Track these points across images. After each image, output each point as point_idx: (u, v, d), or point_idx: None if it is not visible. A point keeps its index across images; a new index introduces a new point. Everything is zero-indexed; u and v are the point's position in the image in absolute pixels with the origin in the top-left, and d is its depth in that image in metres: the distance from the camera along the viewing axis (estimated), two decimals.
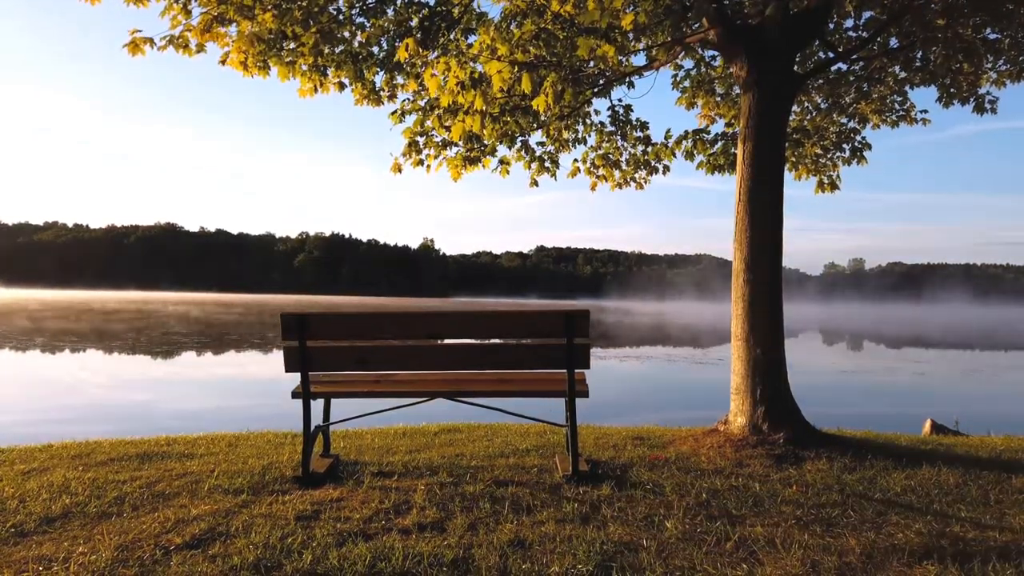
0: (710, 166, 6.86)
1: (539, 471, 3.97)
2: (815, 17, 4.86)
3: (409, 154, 6.20)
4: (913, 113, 6.60)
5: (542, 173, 6.73)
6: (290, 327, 3.71)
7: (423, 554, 2.64)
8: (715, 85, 6.75)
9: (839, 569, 2.60)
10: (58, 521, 3.05)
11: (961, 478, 3.94)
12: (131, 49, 4.67)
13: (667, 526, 3.01)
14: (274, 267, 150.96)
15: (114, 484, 3.62)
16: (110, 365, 16.49)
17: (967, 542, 2.89)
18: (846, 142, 6.80)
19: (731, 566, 2.60)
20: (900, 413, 11.03)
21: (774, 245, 4.85)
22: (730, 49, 5.05)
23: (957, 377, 17.92)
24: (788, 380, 4.84)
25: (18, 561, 2.59)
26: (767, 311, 4.77)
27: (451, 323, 3.90)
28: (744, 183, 4.90)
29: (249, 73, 5.07)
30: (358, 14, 5.36)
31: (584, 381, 3.91)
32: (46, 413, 9.56)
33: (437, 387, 3.94)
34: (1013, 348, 30.91)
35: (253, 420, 7.13)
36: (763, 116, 4.87)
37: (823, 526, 3.06)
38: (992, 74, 5.82)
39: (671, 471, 3.97)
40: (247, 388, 13.42)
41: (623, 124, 6.79)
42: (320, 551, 2.68)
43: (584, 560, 2.61)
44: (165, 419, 9.36)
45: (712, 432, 4.82)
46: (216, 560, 2.59)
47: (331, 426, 4.24)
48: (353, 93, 5.77)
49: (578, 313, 3.69)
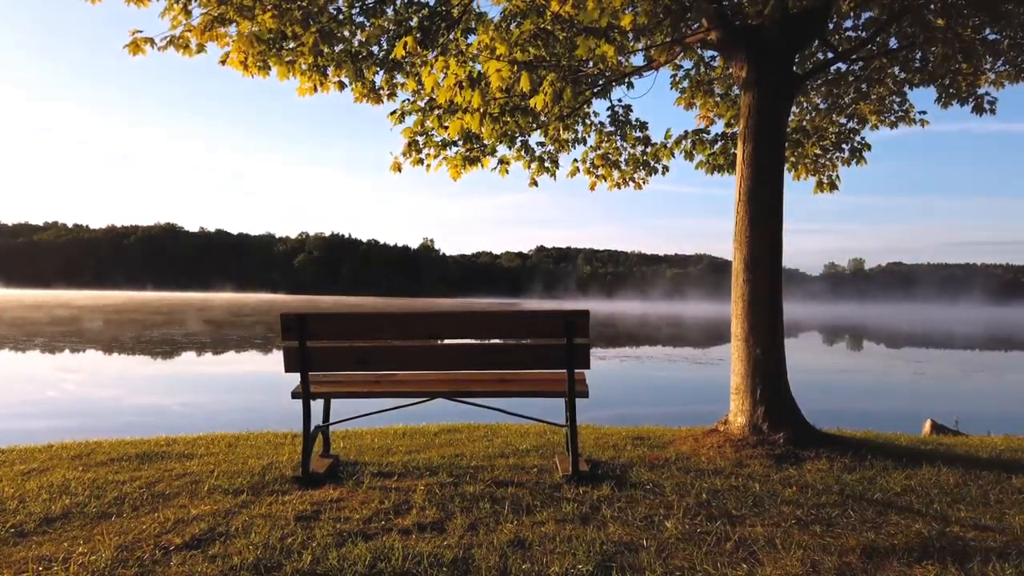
0: (710, 166, 6.86)
1: (539, 471, 3.97)
2: (815, 17, 4.86)
3: (409, 153, 6.22)
4: (912, 113, 6.61)
5: (542, 173, 6.74)
6: (290, 327, 3.71)
7: (423, 554, 2.64)
8: (714, 86, 6.75)
9: (839, 569, 2.60)
10: (58, 521, 3.05)
11: (961, 478, 3.94)
12: (132, 49, 4.67)
13: (667, 526, 3.01)
14: (274, 267, 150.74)
15: (114, 484, 3.62)
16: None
17: (967, 542, 2.89)
18: (845, 142, 6.81)
19: (731, 566, 2.60)
20: (900, 413, 11.03)
21: (774, 245, 4.85)
22: (730, 49, 5.05)
23: (957, 377, 17.92)
24: (788, 380, 4.85)
25: (18, 561, 2.59)
26: (767, 311, 4.77)
27: (451, 323, 3.90)
28: (744, 183, 4.90)
29: (249, 73, 5.07)
30: (358, 14, 5.36)
31: (584, 381, 3.91)
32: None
33: (437, 387, 3.94)
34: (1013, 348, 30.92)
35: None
36: (763, 116, 4.87)
37: (823, 526, 3.06)
38: (991, 75, 5.82)
39: (671, 471, 3.97)
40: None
41: (622, 124, 6.79)
42: (320, 551, 2.68)
43: (584, 560, 2.61)
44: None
45: (712, 432, 4.82)
46: (216, 560, 2.59)
47: (331, 426, 4.24)
48: (353, 92, 5.77)
49: (578, 313, 3.69)
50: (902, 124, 6.67)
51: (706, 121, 6.95)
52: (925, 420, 7.49)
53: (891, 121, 6.66)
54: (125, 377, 14.55)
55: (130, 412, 10.14)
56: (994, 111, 5.81)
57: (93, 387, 12.71)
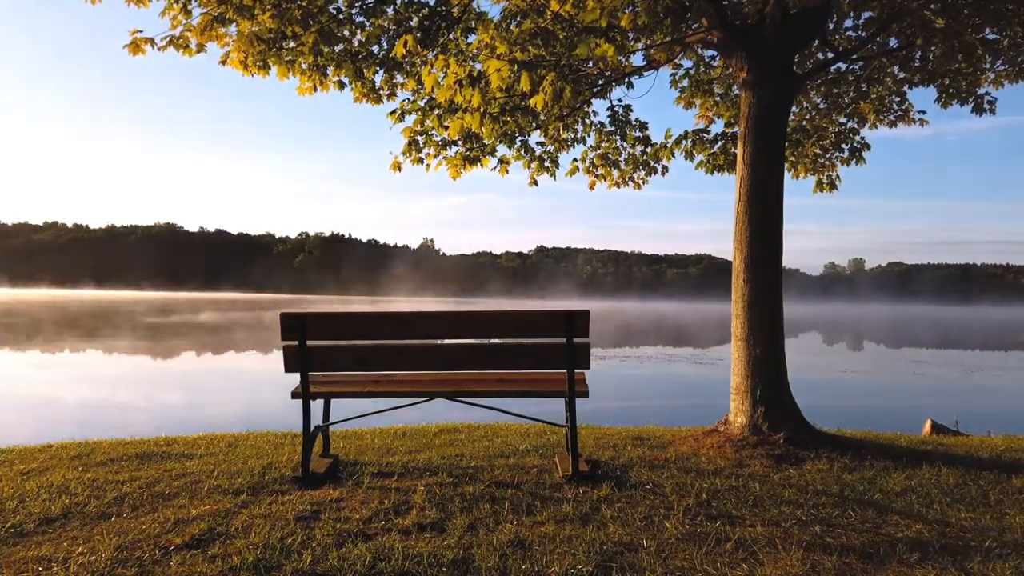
0: (710, 166, 6.86)
1: (539, 471, 3.97)
2: (815, 17, 4.85)
3: (409, 153, 6.22)
4: (911, 113, 6.60)
5: (542, 172, 6.74)
6: (290, 327, 3.70)
7: (423, 554, 2.64)
8: (714, 85, 6.75)
9: (839, 569, 2.60)
10: (58, 521, 3.05)
11: (961, 478, 3.94)
12: (132, 49, 4.67)
13: (667, 526, 3.01)
14: (274, 267, 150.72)
15: (114, 484, 3.62)
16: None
17: (967, 542, 2.88)
18: (845, 142, 6.81)
19: (731, 566, 2.60)
20: (900, 413, 11.03)
21: (774, 245, 4.85)
22: (730, 49, 5.05)
23: (957, 376, 17.92)
24: (788, 380, 4.84)
25: (18, 561, 2.59)
26: (767, 311, 4.77)
27: (451, 323, 3.90)
28: (744, 183, 4.90)
29: (249, 73, 5.07)
30: (358, 13, 5.36)
31: (584, 381, 3.91)
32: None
33: (437, 387, 3.93)
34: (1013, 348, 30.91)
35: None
36: (763, 116, 4.86)
37: (823, 526, 3.06)
38: (991, 74, 5.82)
39: (671, 471, 3.97)
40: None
41: (622, 124, 6.79)
42: (320, 551, 2.68)
43: (584, 560, 2.61)
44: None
45: (712, 432, 4.82)
46: (216, 560, 2.59)
47: (331, 426, 4.23)
48: (352, 91, 5.77)
49: (578, 313, 3.69)
50: (901, 124, 6.67)
51: (705, 121, 6.95)
52: (925, 420, 7.48)
53: (891, 120, 6.66)
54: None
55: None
56: (994, 111, 5.81)
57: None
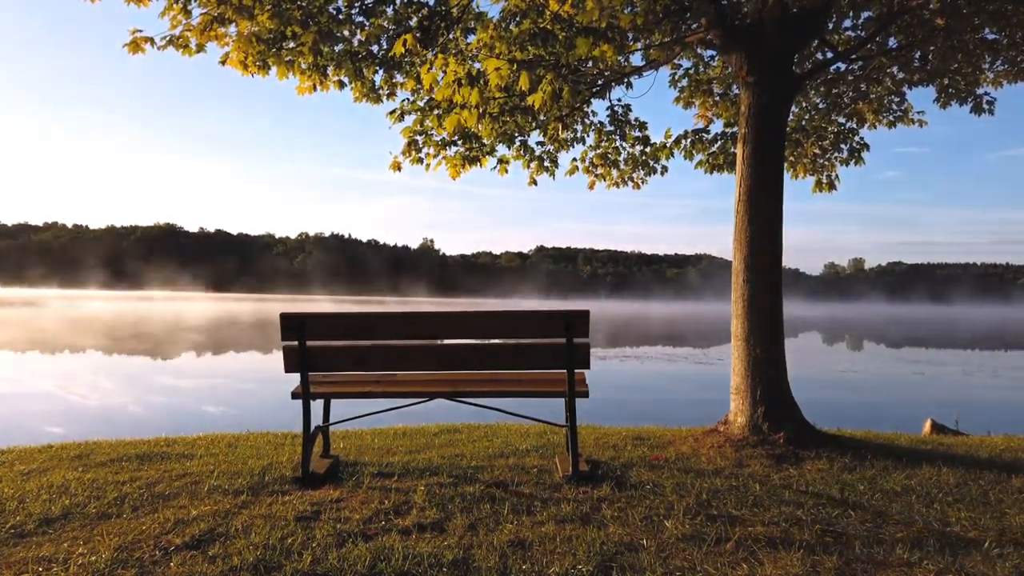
0: (709, 166, 6.86)
1: (539, 471, 3.97)
2: (814, 17, 4.86)
3: (409, 152, 6.22)
4: (911, 113, 6.61)
5: (541, 172, 6.74)
6: (289, 327, 3.70)
7: (423, 554, 2.64)
8: (713, 85, 6.75)
9: (839, 569, 2.60)
10: (58, 522, 3.05)
11: (961, 478, 3.94)
12: (131, 48, 4.67)
13: (667, 526, 3.01)
14: (274, 267, 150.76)
15: (114, 485, 3.62)
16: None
17: (967, 542, 2.89)
18: (844, 142, 6.81)
19: (731, 566, 2.60)
20: (900, 412, 11.03)
21: (774, 245, 4.85)
22: (729, 49, 5.05)
23: (957, 376, 17.92)
24: (788, 380, 4.85)
25: (18, 562, 2.59)
26: (767, 311, 4.77)
27: (451, 323, 3.90)
28: (744, 183, 4.90)
29: (249, 72, 5.07)
30: (357, 13, 5.36)
31: (584, 381, 3.91)
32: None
33: (437, 387, 3.93)
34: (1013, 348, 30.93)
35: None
36: (762, 116, 4.87)
37: (823, 526, 3.06)
38: (990, 74, 5.82)
39: (671, 471, 3.97)
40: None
41: (622, 124, 6.79)
42: (320, 551, 2.68)
43: (584, 560, 2.61)
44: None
45: (712, 432, 4.82)
46: (216, 561, 2.59)
47: (331, 426, 4.23)
48: (352, 91, 5.77)
49: (578, 313, 3.69)
50: (900, 124, 6.68)
51: (705, 120, 6.95)
52: (925, 420, 7.48)
53: (890, 121, 6.66)
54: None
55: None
56: (993, 111, 5.81)
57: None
